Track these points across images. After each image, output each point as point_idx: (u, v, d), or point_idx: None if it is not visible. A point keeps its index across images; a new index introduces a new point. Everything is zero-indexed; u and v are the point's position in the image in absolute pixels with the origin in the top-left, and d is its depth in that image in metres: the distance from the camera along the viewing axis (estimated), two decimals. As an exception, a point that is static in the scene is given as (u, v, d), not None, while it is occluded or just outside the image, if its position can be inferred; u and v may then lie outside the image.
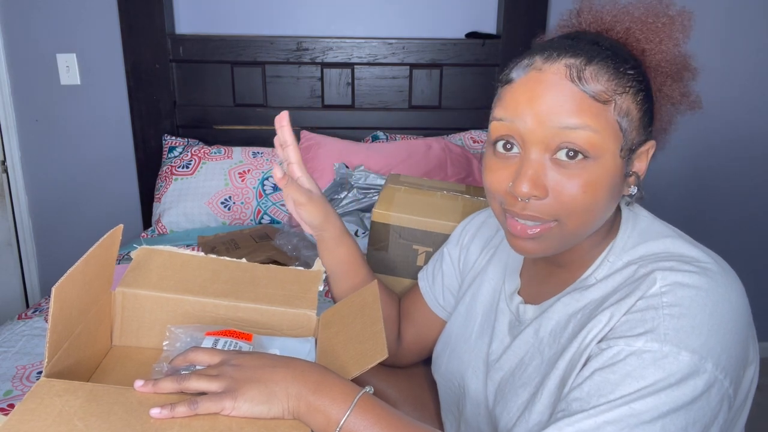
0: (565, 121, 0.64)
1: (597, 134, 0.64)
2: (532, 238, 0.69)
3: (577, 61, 0.65)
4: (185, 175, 2.04)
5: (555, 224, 0.68)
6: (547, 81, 0.65)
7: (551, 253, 0.71)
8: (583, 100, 0.64)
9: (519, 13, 2.10)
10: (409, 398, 0.98)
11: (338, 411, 0.61)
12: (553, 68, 0.65)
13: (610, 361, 0.62)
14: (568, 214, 0.66)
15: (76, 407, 0.60)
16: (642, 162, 0.70)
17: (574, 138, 0.64)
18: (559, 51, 0.66)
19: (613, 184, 0.67)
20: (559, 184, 0.65)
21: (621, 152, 0.66)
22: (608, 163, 0.65)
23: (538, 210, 0.67)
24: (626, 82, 0.66)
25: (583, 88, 0.64)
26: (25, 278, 2.39)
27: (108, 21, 2.10)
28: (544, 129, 0.64)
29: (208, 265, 0.89)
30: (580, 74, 0.64)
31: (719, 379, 0.61)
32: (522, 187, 0.65)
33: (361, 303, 0.82)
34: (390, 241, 1.25)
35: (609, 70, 0.65)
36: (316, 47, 2.12)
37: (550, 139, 0.65)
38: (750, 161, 2.28)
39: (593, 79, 0.64)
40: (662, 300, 0.63)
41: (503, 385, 0.77)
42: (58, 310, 0.63)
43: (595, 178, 0.65)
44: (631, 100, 0.66)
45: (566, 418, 0.61)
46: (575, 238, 0.70)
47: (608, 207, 0.69)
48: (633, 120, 0.66)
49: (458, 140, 2.12)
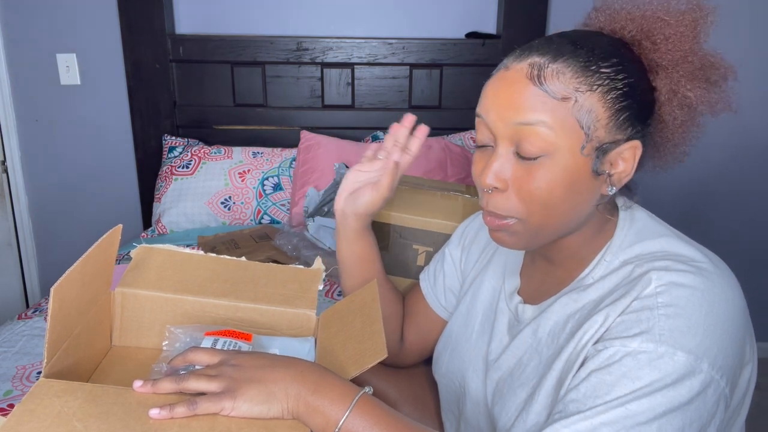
0: (521, 117, 0.66)
1: (551, 130, 0.65)
2: (503, 230, 0.71)
3: (542, 59, 0.66)
4: (185, 175, 2.04)
5: (516, 221, 0.70)
6: (509, 79, 0.67)
7: (528, 247, 0.73)
8: (538, 97, 0.65)
9: (519, 13, 2.09)
10: (409, 398, 0.98)
11: (337, 411, 0.61)
12: (518, 67, 0.67)
13: (606, 362, 0.62)
14: (528, 210, 0.68)
15: (75, 408, 0.60)
16: (626, 163, 0.69)
17: (530, 134, 0.65)
18: (530, 50, 0.68)
19: (573, 181, 0.67)
20: (519, 178, 0.68)
21: (582, 150, 0.66)
22: (566, 160, 0.66)
23: (500, 205, 0.69)
24: (595, 80, 0.66)
25: (541, 87, 0.65)
26: (25, 278, 2.39)
27: (108, 21, 2.10)
28: (505, 125, 0.67)
29: (208, 264, 0.89)
30: (541, 72, 0.65)
31: (715, 379, 0.61)
32: (486, 178, 0.69)
33: (361, 302, 0.81)
34: (390, 241, 1.25)
35: (575, 67, 0.65)
36: (316, 47, 2.12)
37: (511, 134, 0.67)
38: (749, 160, 2.27)
39: (553, 77, 0.65)
40: (657, 300, 0.63)
41: (502, 384, 0.77)
42: (57, 310, 0.63)
43: (552, 175, 0.66)
44: (597, 99, 0.66)
45: (563, 420, 0.61)
46: (546, 232, 0.71)
47: (576, 206, 0.69)
48: (598, 118, 0.66)
49: (458, 140, 2.12)
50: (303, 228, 1.77)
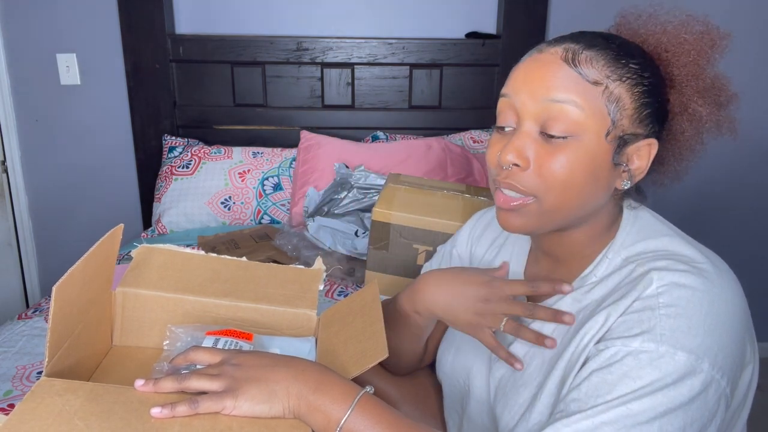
0: (552, 95, 0.67)
1: (581, 111, 0.66)
2: (513, 211, 0.71)
3: (577, 45, 0.69)
4: (185, 175, 2.04)
5: (533, 200, 0.70)
6: (543, 60, 0.69)
7: (535, 230, 0.73)
8: (572, 78, 0.67)
9: (519, 13, 2.10)
10: (410, 398, 0.98)
11: (339, 411, 0.61)
12: (552, 50, 0.69)
13: (607, 362, 0.63)
14: (546, 189, 0.69)
15: (76, 407, 0.60)
16: (641, 160, 0.71)
17: (560, 112, 0.66)
18: (564, 37, 0.70)
19: (594, 166, 0.68)
20: (541, 157, 0.68)
21: (607, 136, 0.67)
22: (591, 144, 0.67)
23: (518, 180, 0.69)
24: (624, 72, 0.68)
25: (575, 69, 0.67)
26: (25, 278, 2.39)
27: (108, 21, 2.10)
28: (535, 102, 0.68)
29: (209, 264, 0.89)
30: (576, 56, 0.68)
31: (716, 378, 0.61)
32: (507, 155, 0.69)
33: (361, 302, 0.82)
34: (390, 240, 1.25)
35: (607, 57, 0.68)
36: (316, 47, 2.12)
37: (540, 112, 0.68)
38: (751, 159, 2.28)
39: (587, 63, 0.67)
40: (659, 300, 0.63)
41: (504, 383, 0.78)
42: (59, 309, 0.63)
43: (575, 156, 0.67)
44: (626, 89, 0.68)
45: (564, 419, 0.61)
46: (556, 217, 0.71)
47: (590, 190, 0.69)
48: (625, 108, 0.67)
49: (458, 140, 2.12)
50: (303, 228, 1.77)
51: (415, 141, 2.06)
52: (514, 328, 0.76)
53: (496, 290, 0.78)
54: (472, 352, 0.85)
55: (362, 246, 1.63)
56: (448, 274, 0.83)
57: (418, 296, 0.85)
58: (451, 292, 0.81)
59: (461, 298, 0.80)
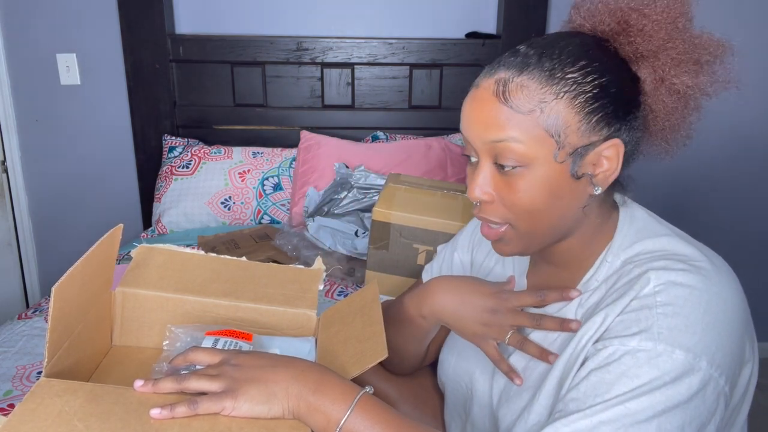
0: (491, 135, 0.68)
1: (522, 144, 0.66)
2: (499, 240, 0.74)
3: (507, 74, 0.67)
4: (185, 175, 2.04)
5: (508, 227, 0.72)
6: (478, 98, 0.69)
7: (526, 252, 0.75)
8: (505, 114, 0.66)
9: (519, 13, 2.09)
10: (410, 398, 0.98)
11: (338, 411, 0.61)
12: (485, 84, 0.69)
13: (605, 361, 0.63)
14: (515, 217, 0.70)
15: (76, 407, 0.60)
16: (610, 162, 0.68)
17: (502, 150, 0.67)
18: (498, 65, 0.69)
19: (553, 187, 0.68)
20: (501, 189, 0.70)
21: (556, 157, 0.66)
22: (542, 169, 0.67)
23: (489, 213, 0.72)
24: (560, 87, 0.65)
25: (506, 103, 0.66)
26: (25, 278, 2.39)
27: (108, 21, 2.10)
28: (481, 142, 0.69)
29: (208, 264, 0.89)
30: (505, 88, 0.67)
31: (714, 377, 0.61)
32: (473, 191, 0.71)
33: (361, 302, 0.82)
34: (391, 240, 1.25)
35: (539, 78, 0.66)
36: (316, 47, 2.12)
37: (488, 150, 0.69)
38: (748, 156, 2.27)
39: (517, 91, 0.66)
40: (656, 299, 0.63)
41: (509, 387, 0.77)
42: (58, 310, 0.63)
43: (530, 184, 0.68)
44: (564, 105, 0.65)
45: (563, 419, 0.61)
46: (538, 237, 0.72)
47: (558, 208, 0.69)
48: (569, 125, 0.66)
49: (458, 140, 2.12)
50: (303, 228, 1.77)
51: (415, 141, 2.06)
52: (518, 341, 0.76)
53: (503, 302, 0.78)
54: (474, 357, 0.85)
55: (362, 246, 1.63)
56: (459, 282, 0.84)
57: (426, 300, 0.85)
58: (460, 300, 0.81)
59: (469, 307, 0.80)
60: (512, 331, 0.76)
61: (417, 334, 0.89)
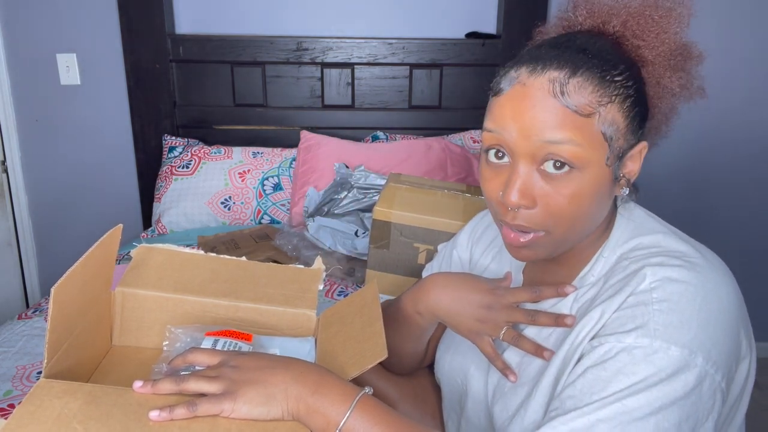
0: (548, 136, 0.64)
1: (581, 147, 0.64)
2: (525, 246, 0.71)
3: (561, 74, 0.64)
4: (185, 175, 2.04)
5: (544, 234, 0.69)
6: (531, 96, 0.65)
7: (545, 257, 0.73)
8: (566, 114, 0.64)
9: (519, 13, 2.09)
10: (409, 398, 0.98)
11: (338, 412, 0.61)
12: (537, 83, 0.65)
13: (601, 358, 0.63)
14: (555, 224, 0.68)
15: (75, 410, 0.60)
16: (635, 163, 0.70)
17: (559, 151, 0.64)
18: (544, 63, 0.65)
19: (600, 193, 0.67)
20: (547, 194, 0.66)
21: (607, 161, 0.66)
22: (594, 173, 0.66)
23: (527, 220, 0.68)
24: (612, 90, 0.65)
25: (566, 103, 0.64)
26: (25, 278, 2.39)
27: (108, 21, 2.10)
28: (530, 143, 0.65)
29: (208, 264, 0.89)
30: (563, 89, 0.64)
31: (710, 373, 0.61)
32: (511, 197, 0.66)
33: (361, 303, 0.81)
34: (391, 239, 1.25)
35: (594, 80, 0.65)
36: (316, 47, 2.12)
37: (536, 152, 0.65)
38: (750, 156, 2.27)
39: (576, 93, 0.64)
40: (652, 296, 0.64)
41: (503, 383, 0.78)
42: (58, 310, 0.63)
43: (581, 189, 0.66)
44: (617, 109, 0.66)
45: (560, 417, 0.61)
46: (566, 244, 0.72)
47: (597, 213, 0.70)
48: (619, 129, 0.66)
49: (458, 140, 2.12)
50: (303, 228, 1.77)
51: (415, 141, 2.06)
52: (513, 337, 0.75)
53: (499, 298, 0.78)
54: (469, 353, 0.85)
55: (362, 246, 1.63)
56: (455, 279, 0.83)
57: (422, 297, 0.85)
58: (456, 297, 0.81)
59: (465, 303, 0.80)
60: (507, 328, 0.76)
61: (414, 331, 0.89)
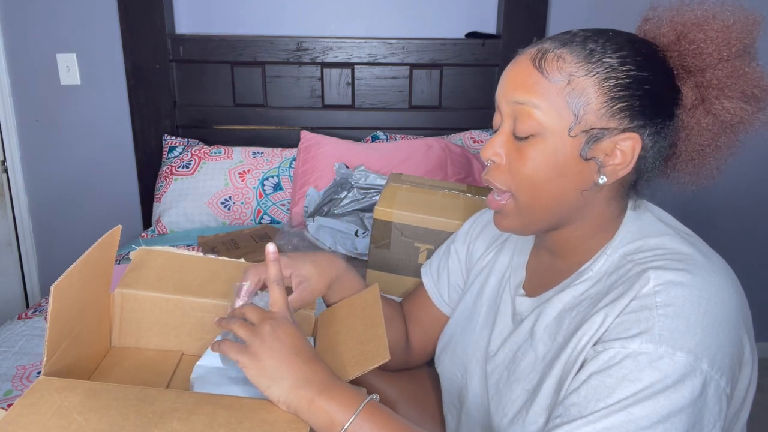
0: (516, 96, 0.70)
1: (541, 111, 0.68)
2: (499, 212, 0.76)
3: (550, 45, 0.69)
4: (185, 175, 2.04)
5: (510, 199, 0.73)
6: (517, 62, 0.71)
7: (523, 229, 0.76)
8: (534, 77, 0.68)
9: (519, 13, 2.09)
10: (409, 398, 0.98)
11: (344, 414, 0.63)
12: (528, 52, 0.71)
13: (606, 365, 0.62)
14: (517, 187, 0.72)
15: (75, 402, 0.60)
16: (625, 156, 0.68)
17: (521, 112, 0.69)
18: (546, 39, 0.72)
19: (559, 162, 0.68)
20: (511, 155, 0.72)
21: (569, 131, 0.67)
22: (554, 141, 0.68)
23: (494, 177, 0.73)
24: (594, 67, 0.67)
25: (539, 69, 0.68)
26: (25, 278, 2.39)
27: (108, 21, 2.10)
28: (506, 103, 0.71)
29: (207, 265, 0.89)
30: (543, 56, 0.69)
31: (715, 378, 0.61)
32: (485, 151, 0.73)
33: (362, 305, 0.82)
34: (392, 239, 1.25)
35: (579, 55, 0.68)
36: (316, 47, 2.12)
37: (510, 113, 0.71)
38: (752, 156, 2.27)
39: (554, 62, 0.68)
40: (656, 300, 0.63)
41: (498, 378, 0.78)
42: (57, 308, 0.63)
43: (539, 154, 0.69)
44: (593, 84, 0.67)
45: (564, 425, 0.61)
46: (537, 215, 0.73)
47: (559, 186, 0.70)
48: (589, 102, 0.67)
49: (458, 140, 2.12)
50: (303, 228, 1.76)
51: (415, 141, 2.06)
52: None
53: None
54: (471, 346, 0.86)
55: (362, 246, 1.63)
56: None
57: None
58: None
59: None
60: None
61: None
